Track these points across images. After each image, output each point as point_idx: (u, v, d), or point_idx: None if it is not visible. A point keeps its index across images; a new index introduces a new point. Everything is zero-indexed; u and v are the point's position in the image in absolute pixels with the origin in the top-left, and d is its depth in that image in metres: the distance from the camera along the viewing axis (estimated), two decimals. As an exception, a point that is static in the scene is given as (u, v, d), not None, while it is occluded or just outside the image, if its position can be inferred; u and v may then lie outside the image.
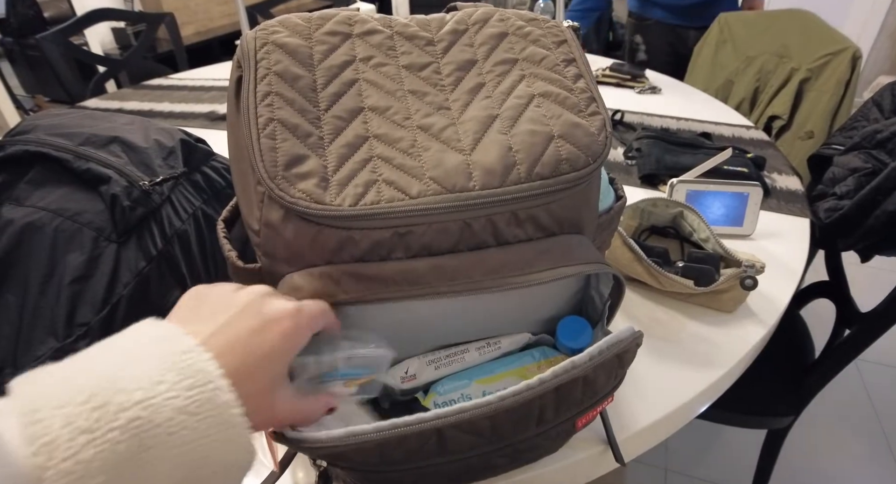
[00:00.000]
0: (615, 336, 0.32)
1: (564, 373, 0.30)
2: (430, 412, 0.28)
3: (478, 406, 0.28)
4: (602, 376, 0.32)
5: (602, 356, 0.31)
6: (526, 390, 0.29)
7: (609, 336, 0.32)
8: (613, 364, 0.32)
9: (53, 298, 0.45)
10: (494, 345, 0.41)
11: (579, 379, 0.30)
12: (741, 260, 0.57)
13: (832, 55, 1.28)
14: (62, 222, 0.48)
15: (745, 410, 0.92)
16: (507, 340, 0.41)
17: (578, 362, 0.30)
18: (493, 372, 0.41)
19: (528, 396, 0.29)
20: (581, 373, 0.30)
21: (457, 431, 0.29)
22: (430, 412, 0.28)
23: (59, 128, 0.56)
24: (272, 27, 0.38)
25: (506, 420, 0.29)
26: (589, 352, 0.31)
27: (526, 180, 0.34)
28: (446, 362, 0.40)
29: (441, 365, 0.40)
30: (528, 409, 0.30)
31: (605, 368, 0.31)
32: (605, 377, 0.32)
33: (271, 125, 0.33)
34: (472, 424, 0.29)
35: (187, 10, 3.06)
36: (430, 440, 0.28)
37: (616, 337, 0.32)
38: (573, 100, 0.37)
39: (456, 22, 0.41)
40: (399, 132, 0.35)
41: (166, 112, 1.30)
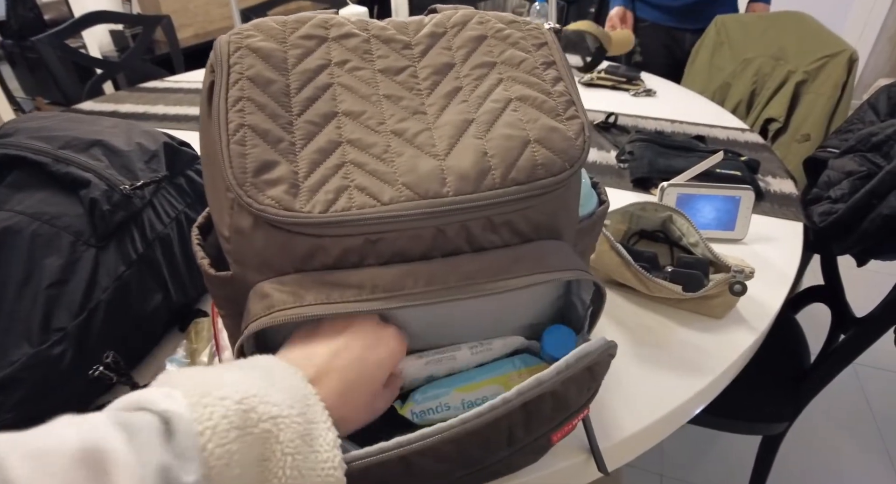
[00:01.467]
0: (583, 349, 0.31)
1: (529, 390, 0.29)
2: (392, 440, 0.28)
3: (440, 430, 0.28)
4: (573, 390, 0.31)
5: (570, 370, 0.30)
6: (489, 411, 0.28)
7: (578, 348, 0.31)
8: (584, 377, 0.31)
9: (29, 303, 0.45)
10: (486, 345, 0.40)
11: (547, 394, 0.29)
12: (730, 265, 0.57)
13: (829, 57, 1.28)
14: (40, 226, 0.48)
15: (740, 415, 0.91)
16: (499, 342, 0.40)
17: (544, 378, 0.30)
18: (473, 380, 0.40)
19: (492, 417, 0.28)
20: (549, 388, 0.29)
21: (422, 457, 0.28)
22: (393, 440, 0.28)
23: (42, 131, 0.55)
24: (246, 31, 0.37)
25: (472, 443, 0.29)
26: (556, 366, 0.30)
27: (501, 186, 0.33)
28: (436, 359, 0.39)
29: (431, 361, 0.39)
30: (496, 430, 0.29)
31: (576, 381, 0.31)
32: (577, 391, 0.31)
33: (241, 131, 0.32)
34: (437, 451, 0.28)
35: (186, 13, 3.06)
36: (396, 469, 0.28)
37: (584, 349, 0.31)
38: (551, 103, 0.36)
39: (434, 25, 0.40)
40: (372, 137, 0.34)
41: (161, 114, 1.29)
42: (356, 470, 0.27)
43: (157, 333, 0.56)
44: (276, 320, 0.31)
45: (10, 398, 0.42)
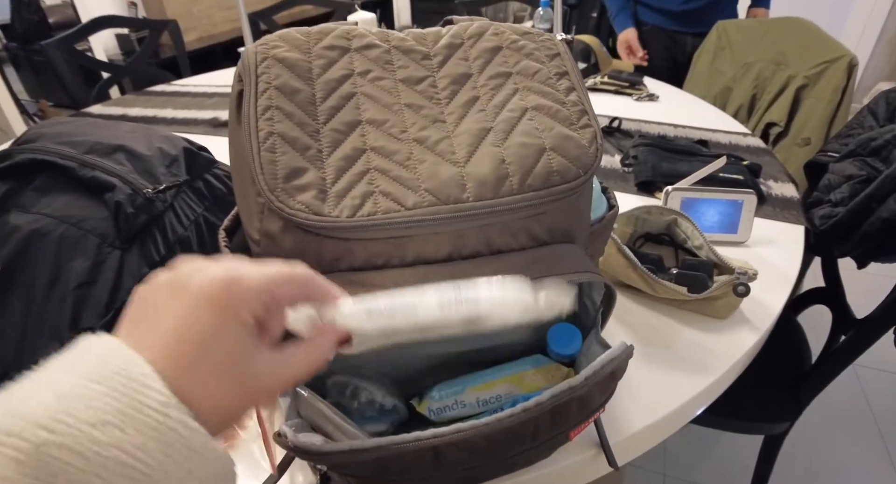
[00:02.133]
0: (609, 354, 0.33)
1: (561, 394, 0.31)
2: (428, 431, 0.29)
3: (475, 427, 0.29)
4: (596, 393, 0.33)
5: (597, 376, 0.32)
6: (522, 412, 0.30)
7: (604, 355, 0.33)
8: (607, 381, 0.33)
9: (58, 304, 0.46)
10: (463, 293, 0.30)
11: (575, 399, 0.31)
12: (734, 267, 0.58)
13: (829, 63, 1.30)
14: (67, 229, 0.49)
15: (741, 415, 0.92)
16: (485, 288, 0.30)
17: (575, 384, 0.31)
18: (487, 379, 0.41)
19: (525, 417, 0.30)
20: (577, 393, 0.31)
21: (453, 448, 0.29)
22: (429, 431, 0.29)
23: (65, 136, 0.57)
24: (273, 42, 0.39)
25: (501, 439, 0.30)
26: (585, 372, 0.32)
27: (518, 192, 0.35)
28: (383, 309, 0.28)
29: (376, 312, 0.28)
30: (524, 428, 0.31)
31: (600, 385, 0.32)
32: (600, 393, 0.33)
33: (271, 138, 0.34)
34: (468, 443, 0.30)
35: (190, 17, 3.09)
36: (427, 456, 0.29)
37: (610, 355, 0.33)
38: (565, 113, 0.38)
39: (451, 36, 0.42)
40: (395, 145, 0.36)
41: (169, 118, 1.31)
42: (392, 454, 0.28)
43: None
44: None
45: (42, 395, 0.43)
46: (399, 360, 0.41)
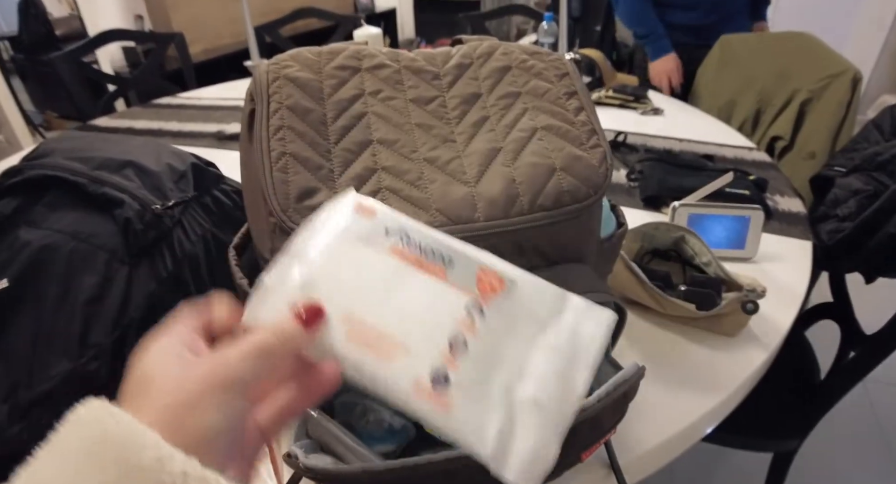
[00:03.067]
0: (622, 375, 0.33)
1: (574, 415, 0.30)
2: (440, 454, 0.29)
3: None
4: (608, 414, 0.32)
5: (610, 397, 0.32)
6: None
7: (616, 376, 0.33)
8: (619, 402, 0.32)
9: (67, 319, 0.46)
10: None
11: (586, 421, 0.31)
12: (742, 284, 0.58)
13: (833, 77, 1.30)
14: (77, 245, 0.50)
15: (751, 432, 0.91)
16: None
17: (587, 405, 0.31)
18: None
19: None
20: (589, 415, 0.31)
21: (465, 470, 0.29)
22: (441, 454, 0.29)
23: (76, 151, 0.57)
24: (284, 61, 0.39)
25: None
26: (598, 394, 0.32)
27: (529, 211, 0.35)
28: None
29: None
30: None
31: (612, 406, 0.32)
32: (611, 414, 0.33)
33: (283, 159, 0.34)
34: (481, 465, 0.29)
35: (196, 29, 3.12)
36: (439, 478, 0.29)
37: (622, 376, 0.33)
38: (575, 133, 0.38)
39: (461, 56, 0.42)
40: (406, 164, 0.36)
41: (175, 131, 1.32)
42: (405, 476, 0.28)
43: (183, 349, 0.58)
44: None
45: (49, 413, 0.43)
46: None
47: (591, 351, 0.26)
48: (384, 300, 0.26)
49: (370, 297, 0.26)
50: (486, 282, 0.27)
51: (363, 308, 0.25)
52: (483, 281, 0.27)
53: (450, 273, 0.26)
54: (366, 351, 0.25)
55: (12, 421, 0.42)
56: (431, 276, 0.26)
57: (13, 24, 3.37)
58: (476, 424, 0.24)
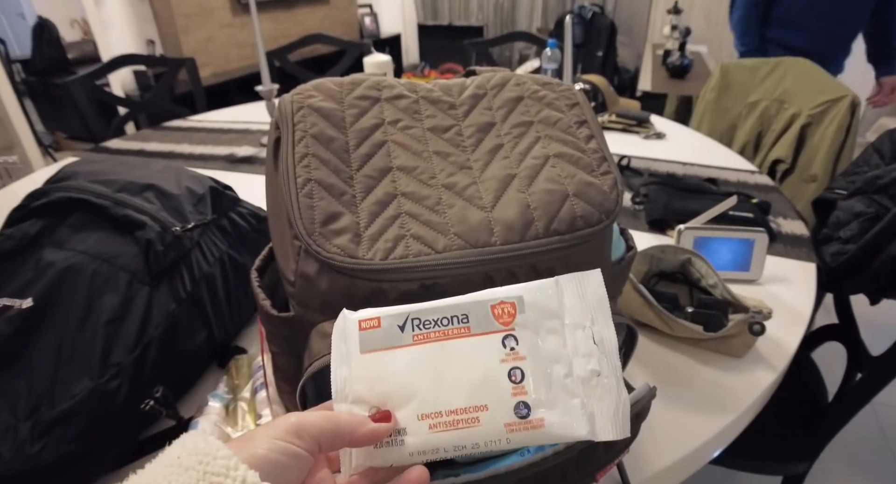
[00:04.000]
0: (634, 396, 0.34)
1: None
2: (461, 477, 0.29)
3: (509, 471, 0.30)
4: None
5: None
6: (553, 455, 0.30)
7: (630, 396, 0.33)
8: (632, 422, 0.33)
9: (89, 338, 0.48)
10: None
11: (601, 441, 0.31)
12: (749, 306, 0.59)
13: (832, 102, 1.33)
14: (100, 265, 0.51)
15: (759, 455, 0.91)
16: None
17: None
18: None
19: (555, 461, 0.30)
20: None
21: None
22: (462, 477, 0.29)
23: (98, 175, 0.59)
24: (307, 91, 0.41)
25: (532, 481, 0.31)
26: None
27: (544, 235, 0.36)
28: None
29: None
30: (554, 470, 0.31)
31: None
32: None
33: (309, 185, 0.36)
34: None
35: (205, 53, 3.20)
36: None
37: (635, 396, 0.34)
38: (586, 160, 0.40)
39: (476, 87, 0.44)
40: (426, 190, 0.38)
41: (186, 154, 1.34)
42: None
43: (199, 369, 0.59)
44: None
45: (71, 430, 0.44)
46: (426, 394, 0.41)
47: (603, 305, 0.31)
48: (439, 385, 0.28)
49: (427, 389, 0.28)
50: (503, 313, 0.30)
51: (428, 402, 0.28)
52: (501, 314, 0.30)
53: (472, 326, 0.29)
54: (453, 432, 0.28)
55: (34, 439, 0.43)
56: (460, 339, 0.29)
57: (27, 47, 3.46)
58: (567, 421, 0.28)
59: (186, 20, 3.04)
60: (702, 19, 3.41)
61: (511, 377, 0.28)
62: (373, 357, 0.29)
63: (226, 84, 3.15)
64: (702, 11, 3.40)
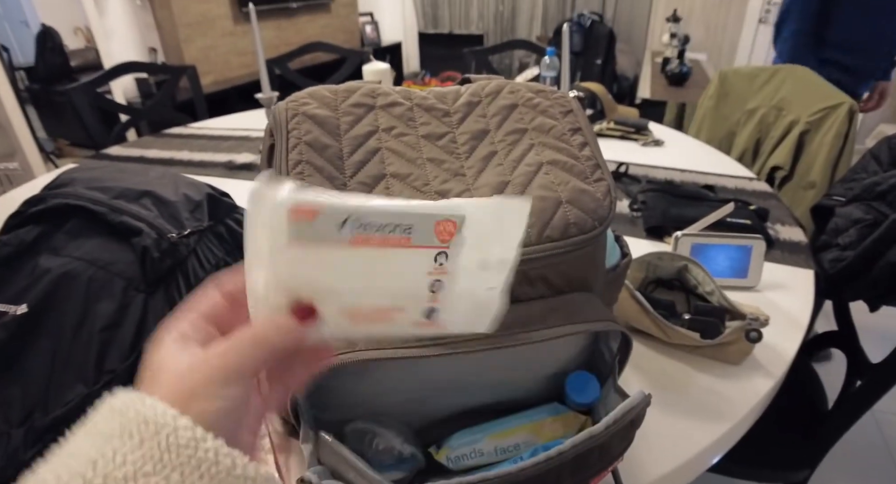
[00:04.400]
0: (629, 403, 0.34)
1: (582, 443, 0.31)
2: (454, 480, 0.29)
3: (499, 476, 0.30)
4: (616, 441, 0.33)
5: (617, 425, 0.32)
6: (545, 461, 0.30)
7: (623, 403, 0.34)
8: (627, 429, 0.33)
9: (84, 345, 0.48)
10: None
11: (595, 448, 0.31)
12: (746, 313, 0.59)
13: (830, 109, 1.33)
14: (96, 272, 0.51)
15: (758, 463, 0.90)
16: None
17: (596, 432, 0.32)
18: (505, 427, 0.42)
19: (548, 466, 0.30)
20: (598, 442, 0.32)
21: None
22: (454, 480, 0.29)
23: (96, 181, 0.59)
24: (302, 99, 0.41)
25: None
26: (605, 421, 0.32)
27: (537, 242, 0.36)
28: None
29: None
30: (547, 476, 0.31)
31: (619, 433, 0.33)
32: (619, 441, 0.33)
33: (302, 191, 0.36)
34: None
35: (207, 61, 3.22)
36: None
37: (630, 403, 0.34)
38: (579, 167, 0.40)
39: (470, 94, 0.44)
40: (419, 197, 0.38)
41: (186, 161, 1.35)
42: None
43: (194, 375, 0.58)
44: (331, 363, 0.33)
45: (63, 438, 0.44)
46: (418, 410, 0.41)
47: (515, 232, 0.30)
48: (366, 289, 0.28)
49: (353, 290, 0.28)
50: (444, 230, 0.29)
51: (352, 299, 0.28)
52: (442, 231, 0.29)
53: (413, 238, 0.28)
54: (370, 324, 0.28)
55: (27, 446, 0.43)
56: (398, 248, 0.28)
57: (30, 55, 3.48)
58: (463, 323, 0.29)
59: (188, 29, 3.06)
60: (701, 27, 3.43)
61: (431, 288, 0.28)
62: (301, 252, 0.26)
63: (227, 92, 3.17)
64: (701, 19, 3.42)
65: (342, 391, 0.37)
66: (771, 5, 3.20)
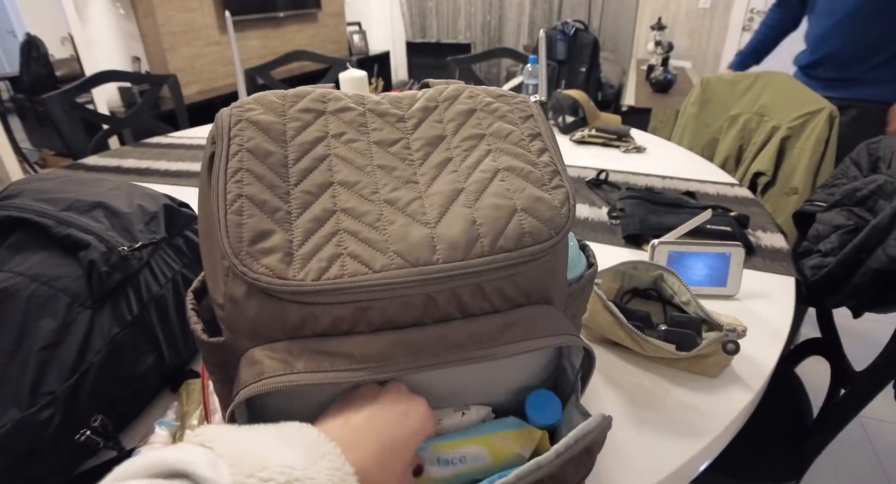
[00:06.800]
0: (582, 428, 0.31)
1: (529, 474, 0.29)
2: None
3: None
4: (570, 470, 0.31)
5: (569, 452, 0.30)
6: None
7: (576, 429, 0.31)
8: (582, 457, 0.31)
9: (20, 366, 0.45)
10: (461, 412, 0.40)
11: (545, 478, 0.29)
12: (722, 324, 0.57)
13: (810, 115, 1.33)
14: (37, 288, 0.48)
15: (743, 475, 0.88)
16: (474, 410, 0.40)
17: (543, 462, 0.29)
18: (453, 439, 0.39)
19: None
20: (547, 472, 0.29)
21: None
22: None
23: (45, 193, 0.57)
24: (247, 104, 0.39)
25: None
26: (555, 449, 0.30)
27: (489, 253, 0.34)
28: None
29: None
30: None
31: (574, 462, 0.30)
32: (574, 470, 0.31)
33: (239, 201, 0.33)
34: None
35: (192, 70, 3.20)
36: None
37: (584, 429, 0.31)
38: (537, 174, 0.38)
39: (427, 99, 0.42)
40: (366, 206, 0.35)
41: (163, 170, 1.32)
42: None
43: (147, 395, 0.56)
44: (266, 387, 0.31)
45: (-6, 465, 0.41)
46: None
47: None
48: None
49: None
50: None
51: None
52: None
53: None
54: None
55: (-46, 475, 0.40)
56: None
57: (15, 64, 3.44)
58: None
59: (173, 38, 3.04)
60: (685, 35, 3.45)
61: None
62: None
63: (212, 101, 3.14)
64: (685, 27, 3.44)
65: (281, 413, 0.35)
66: (754, 13, 3.23)
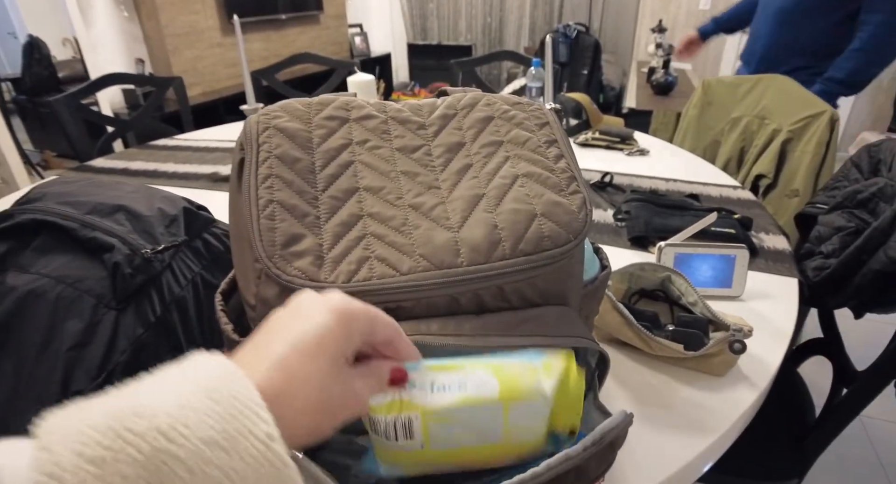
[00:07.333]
0: (608, 423, 0.33)
1: (559, 465, 0.30)
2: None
3: None
4: (594, 463, 0.32)
5: (596, 446, 0.31)
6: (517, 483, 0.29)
7: (603, 424, 0.32)
8: (606, 451, 0.32)
9: (50, 366, 0.46)
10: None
11: (571, 470, 0.30)
12: (729, 324, 0.58)
13: (811, 118, 1.34)
14: (64, 289, 0.50)
15: (746, 473, 0.90)
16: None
17: (573, 454, 0.31)
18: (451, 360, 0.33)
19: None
20: (574, 463, 0.31)
21: None
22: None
23: (68, 196, 0.58)
24: (274, 112, 0.41)
25: None
26: (583, 443, 0.31)
27: (510, 256, 0.35)
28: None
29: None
30: None
31: (598, 456, 0.32)
32: (597, 463, 0.32)
33: (271, 206, 0.35)
34: None
35: (195, 72, 3.21)
36: None
37: (609, 424, 0.33)
38: (554, 179, 0.39)
39: (446, 107, 0.44)
40: (391, 211, 0.37)
41: (170, 172, 1.34)
42: None
43: (169, 394, 0.57)
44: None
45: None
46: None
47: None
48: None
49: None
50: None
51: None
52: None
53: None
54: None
55: (-12, 472, 0.41)
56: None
57: (17, 66, 3.45)
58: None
59: (176, 40, 3.06)
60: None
61: None
62: None
63: (215, 103, 3.16)
64: (686, 29, 3.46)
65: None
66: (754, 16, 3.24)
